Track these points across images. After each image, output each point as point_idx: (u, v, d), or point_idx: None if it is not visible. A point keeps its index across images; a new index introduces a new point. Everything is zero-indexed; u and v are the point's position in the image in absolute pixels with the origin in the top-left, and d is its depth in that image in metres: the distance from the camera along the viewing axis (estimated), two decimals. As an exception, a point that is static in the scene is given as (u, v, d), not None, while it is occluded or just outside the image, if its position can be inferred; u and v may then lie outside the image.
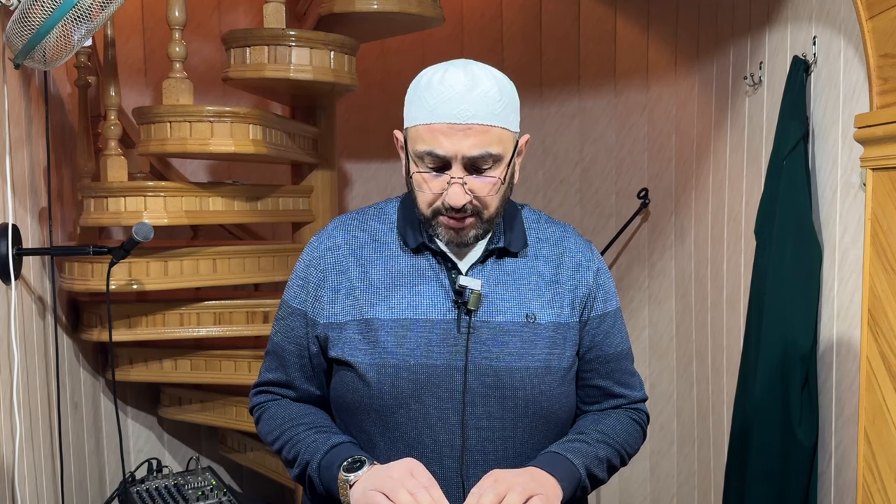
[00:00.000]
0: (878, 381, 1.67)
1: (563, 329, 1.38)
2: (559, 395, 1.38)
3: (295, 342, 1.42)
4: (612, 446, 1.39)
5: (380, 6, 2.56)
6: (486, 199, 1.29)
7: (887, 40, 1.62)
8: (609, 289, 1.46)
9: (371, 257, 1.39)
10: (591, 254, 1.46)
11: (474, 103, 1.24)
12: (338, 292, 1.37)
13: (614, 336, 1.45)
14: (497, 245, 1.38)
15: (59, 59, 1.80)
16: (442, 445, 1.33)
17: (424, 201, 1.31)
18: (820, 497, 2.09)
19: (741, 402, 2.30)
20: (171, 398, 3.07)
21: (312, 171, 2.90)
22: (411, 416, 1.33)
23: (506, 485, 1.20)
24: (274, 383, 1.48)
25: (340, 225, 1.44)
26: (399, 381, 1.32)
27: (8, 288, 1.94)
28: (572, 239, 1.46)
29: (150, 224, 2.19)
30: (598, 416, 1.46)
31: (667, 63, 3.36)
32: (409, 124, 1.31)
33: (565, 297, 1.39)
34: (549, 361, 1.35)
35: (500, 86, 1.28)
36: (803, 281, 2.07)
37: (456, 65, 1.30)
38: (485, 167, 1.27)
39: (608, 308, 1.45)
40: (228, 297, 2.78)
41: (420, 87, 1.29)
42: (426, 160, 1.27)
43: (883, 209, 1.65)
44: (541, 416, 1.37)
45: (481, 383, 1.32)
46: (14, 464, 1.90)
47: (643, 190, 3.44)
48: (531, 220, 1.46)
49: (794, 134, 2.10)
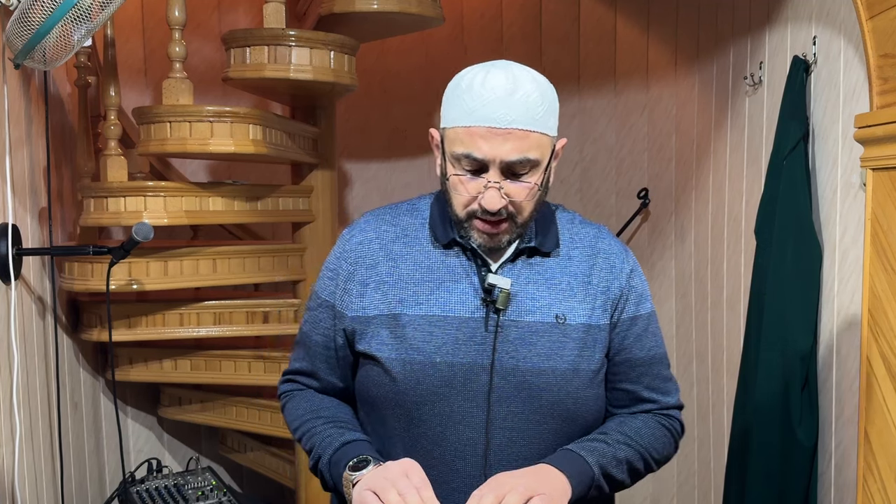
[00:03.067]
0: (878, 381, 1.67)
1: (594, 331, 1.36)
2: (587, 397, 1.36)
3: (322, 333, 1.43)
4: (635, 448, 1.36)
5: (380, 6, 2.56)
6: (521, 204, 1.29)
7: (887, 40, 1.62)
8: (642, 292, 1.43)
9: (401, 252, 1.38)
10: (626, 255, 1.43)
11: (515, 108, 1.24)
12: (367, 286, 1.37)
13: (646, 340, 1.42)
14: (528, 244, 1.37)
15: (59, 59, 1.80)
16: (466, 443, 1.32)
17: (460, 203, 1.31)
18: (820, 497, 2.09)
19: (741, 402, 2.30)
20: (171, 398, 3.07)
21: (312, 171, 2.90)
22: (436, 414, 1.32)
23: (506, 487, 1.19)
24: (300, 372, 1.49)
25: (373, 219, 1.44)
26: (425, 377, 1.32)
27: (8, 288, 1.94)
28: (607, 240, 1.44)
29: (150, 224, 2.19)
30: (624, 418, 1.43)
31: (667, 63, 3.36)
32: (448, 125, 1.29)
33: (597, 299, 1.37)
34: (577, 363, 1.34)
35: (541, 90, 1.28)
36: (803, 281, 2.07)
37: (497, 66, 1.29)
38: (522, 172, 1.26)
39: (640, 311, 1.42)
40: (228, 297, 2.78)
41: (460, 88, 1.28)
42: (463, 162, 1.27)
43: (883, 209, 1.65)
44: (567, 418, 1.35)
45: (507, 383, 1.31)
46: (14, 464, 1.90)
47: (643, 190, 3.44)
48: (565, 220, 1.44)
49: (794, 134, 2.10)
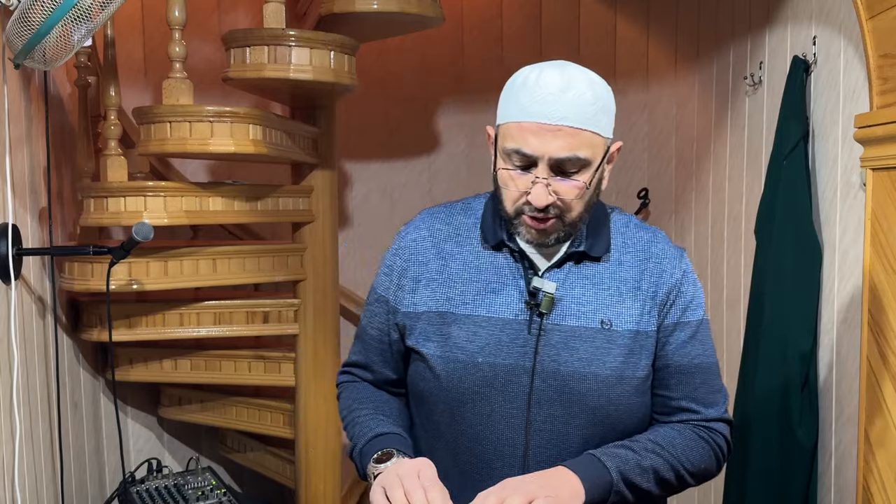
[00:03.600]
0: (878, 381, 1.67)
1: (642, 337, 1.34)
2: (631, 405, 1.34)
3: (377, 327, 1.46)
4: (664, 458, 1.31)
5: (380, 6, 2.56)
6: (569, 202, 1.28)
7: (887, 40, 1.62)
8: (692, 298, 1.38)
9: (452, 251, 1.40)
10: (679, 261, 1.39)
11: (566, 105, 1.24)
12: (418, 282, 1.39)
13: (692, 347, 1.37)
14: (578, 248, 1.36)
15: (59, 59, 1.80)
16: (505, 443, 1.33)
17: (509, 198, 1.31)
18: (820, 497, 2.09)
19: (741, 401, 2.30)
20: (171, 398, 3.07)
21: (312, 171, 2.90)
22: (476, 412, 1.33)
23: (510, 489, 1.19)
24: (356, 365, 1.53)
25: (428, 217, 1.46)
26: (466, 376, 1.33)
27: (8, 288, 1.94)
28: (661, 245, 1.40)
29: (149, 224, 2.19)
30: (659, 427, 1.39)
31: (667, 63, 3.36)
32: (501, 121, 1.31)
33: (646, 304, 1.35)
34: (622, 370, 1.32)
35: (594, 90, 1.28)
36: (803, 281, 2.07)
37: (553, 65, 1.30)
38: (572, 170, 1.26)
39: (688, 318, 1.37)
40: (228, 297, 2.77)
41: (515, 85, 1.29)
42: (513, 158, 1.27)
43: (883, 209, 1.65)
44: (608, 425, 1.33)
45: (548, 386, 1.31)
46: (14, 464, 1.90)
47: (643, 190, 3.44)
48: (619, 224, 1.42)
49: (794, 134, 2.10)
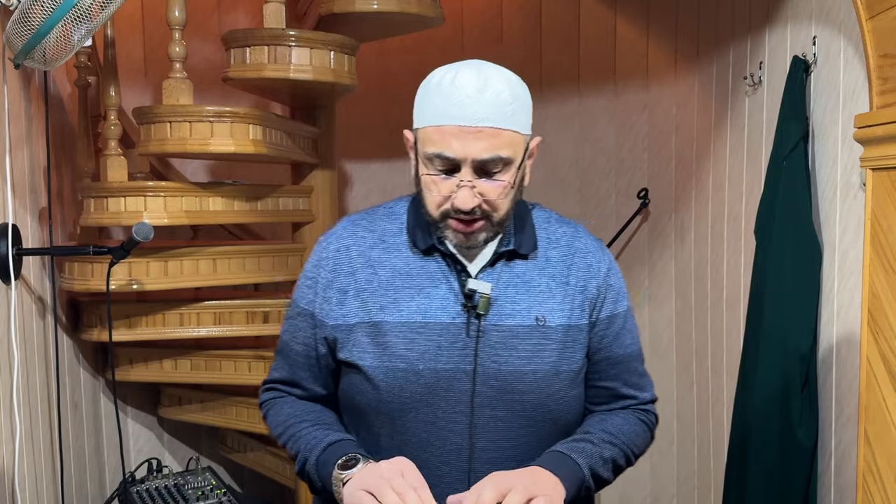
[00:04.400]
0: (878, 381, 1.67)
1: (574, 331, 1.37)
2: (568, 398, 1.37)
3: (302, 343, 1.42)
4: (618, 446, 1.38)
5: (380, 6, 2.56)
6: (495, 203, 1.28)
7: (887, 40, 1.62)
8: (619, 289, 1.44)
9: (380, 259, 1.38)
10: (602, 253, 1.44)
11: (485, 106, 1.23)
12: (346, 294, 1.36)
13: (624, 337, 1.43)
14: (507, 248, 1.36)
15: (59, 59, 1.80)
16: (450, 449, 1.32)
17: (433, 203, 1.30)
18: (820, 497, 2.09)
19: (741, 401, 2.30)
20: (171, 398, 3.07)
21: (312, 171, 2.90)
22: (420, 420, 1.32)
23: (507, 484, 1.19)
24: (282, 381, 1.48)
25: (350, 225, 1.43)
26: (408, 385, 1.31)
27: (8, 288, 1.94)
28: (583, 238, 1.44)
29: (150, 224, 2.19)
30: (605, 415, 1.44)
31: (667, 63, 3.36)
32: (420, 125, 1.29)
33: (575, 299, 1.38)
34: (558, 365, 1.34)
35: (511, 88, 1.27)
36: (803, 281, 2.07)
37: (468, 65, 1.28)
38: (495, 170, 1.26)
39: (618, 309, 1.43)
40: (228, 297, 2.77)
41: (430, 87, 1.28)
42: (436, 162, 1.26)
43: (883, 209, 1.65)
44: (549, 420, 1.36)
45: (490, 387, 1.32)
46: (14, 464, 1.90)
47: (643, 190, 3.44)
48: (541, 219, 1.44)
49: (794, 134, 2.10)
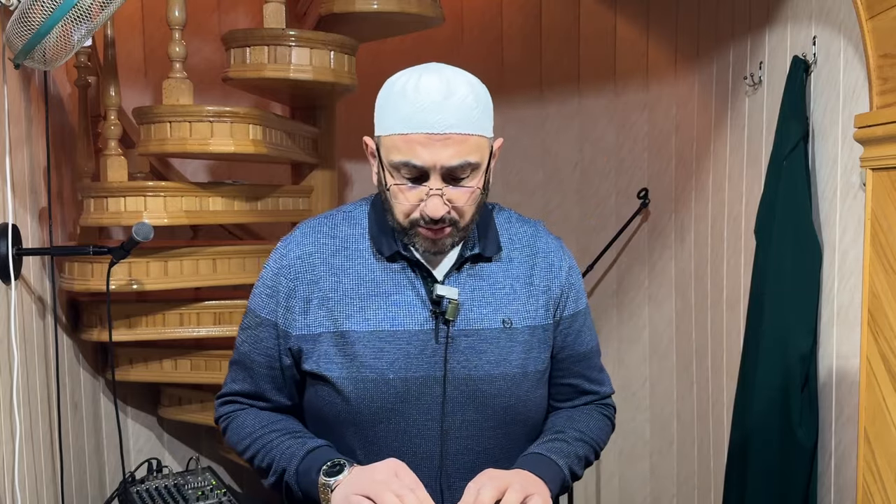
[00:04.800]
0: (878, 381, 1.67)
1: (539, 332, 1.38)
2: (535, 398, 1.40)
3: (265, 354, 1.38)
4: (589, 443, 1.42)
5: (380, 6, 2.56)
6: (462, 209, 1.28)
7: (887, 40, 1.62)
8: (579, 287, 1.46)
9: (343, 266, 1.34)
10: (562, 252, 1.45)
11: (451, 112, 1.21)
12: (310, 303, 1.33)
13: (585, 334, 1.46)
14: (472, 252, 1.36)
15: (59, 59, 1.80)
16: (422, 456, 1.32)
17: (401, 212, 1.28)
18: (820, 497, 2.09)
19: (741, 402, 2.30)
20: (171, 398, 3.07)
21: (312, 171, 2.90)
22: (391, 430, 1.31)
23: (504, 482, 1.20)
24: (242, 394, 1.43)
25: (310, 231, 1.39)
26: (378, 395, 1.30)
27: (8, 288, 1.94)
28: (544, 238, 1.44)
29: (149, 224, 2.19)
30: (572, 413, 1.48)
31: (667, 63, 3.36)
32: (383, 133, 1.27)
33: (539, 299, 1.38)
34: (525, 366, 1.35)
35: (475, 92, 1.26)
36: (803, 281, 2.07)
37: (429, 70, 1.27)
38: (463, 176, 1.25)
39: (579, 307, 1.45)
40: (228, 297, 2.77)
41: (393, 94, 1.26)
42: (403, 171, 1.24)
43: (883, 209, 1.65)
44: (518, 421, 1.38)
45: (460, 392, 1.32)
46: (14, 464, 1.90)
47: (643, 190, 3.44)
48: (503, 220, 1.43)
49: (794, 134, 2.10)
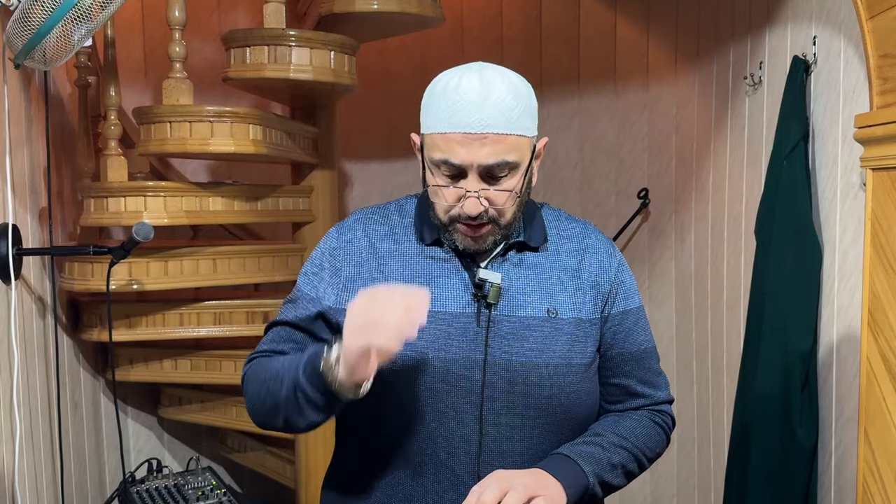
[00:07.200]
0: (878, 381, 1.67)
1: (585, 325, 1.37)
2: (579, 392, 1.36)
3: (306, 328, 1.39)
4: (629, 450, 1.37)
5: (380, 6, 2.56)
6: (502, 208, 1.30)
7: (887, 40, 1.62)
8: (630, 286, 1.44)
9: (390, 249, 1.39)
10: (613, 250, 1.45)
11: (489, 112, 1.24)
12: (354, 282, 1.36)
13: (637, 334, 1.43)
14: (517, 239, 1.38)
15: (59, 59, 1.80)
16: (459, 439, 1.32)
17: (441, 209, 1.32)
18: (820, 497, 2.09)
19: (741, 402, 2.30)
20: (171, 398, 3.07)
21: (312, 171, 2.90)
22: (429, 410, 1.32)
23: (508, 483, 1.19)
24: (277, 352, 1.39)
25: (362, 217, 1.44)
26: (417, 374, 1.31)
27: (8, 288, 1.94)
28: (593, 235, 1.45)
29: (150, 224, 2.19)
30: (618, 417, 1.43)
31: (667, 63, 3.36)
32: (426, 131, 1.31)
33: (587, 293, 1.38)
34: (570, 357, 1.34)
35: (515, 92, 1.28)
36: (803, 281, 2.07)
37: (471, 69, 1.29)
38: (501, 174, 1.28)
39: (630, 305, 1.43)
40: (228, 297, 2.77)
41: (435, 94, 1.29)
42: (442, 168, 1.28)
43: (883, 209, 1.65)
44: (560, 413, 1.35)
45: (500, 378, 1.31)
46: (14, 464, 1.90)
47: (643, 190, 3.44)
48: (551, 217, 1.46)
49: (794, 134, 2.10)
